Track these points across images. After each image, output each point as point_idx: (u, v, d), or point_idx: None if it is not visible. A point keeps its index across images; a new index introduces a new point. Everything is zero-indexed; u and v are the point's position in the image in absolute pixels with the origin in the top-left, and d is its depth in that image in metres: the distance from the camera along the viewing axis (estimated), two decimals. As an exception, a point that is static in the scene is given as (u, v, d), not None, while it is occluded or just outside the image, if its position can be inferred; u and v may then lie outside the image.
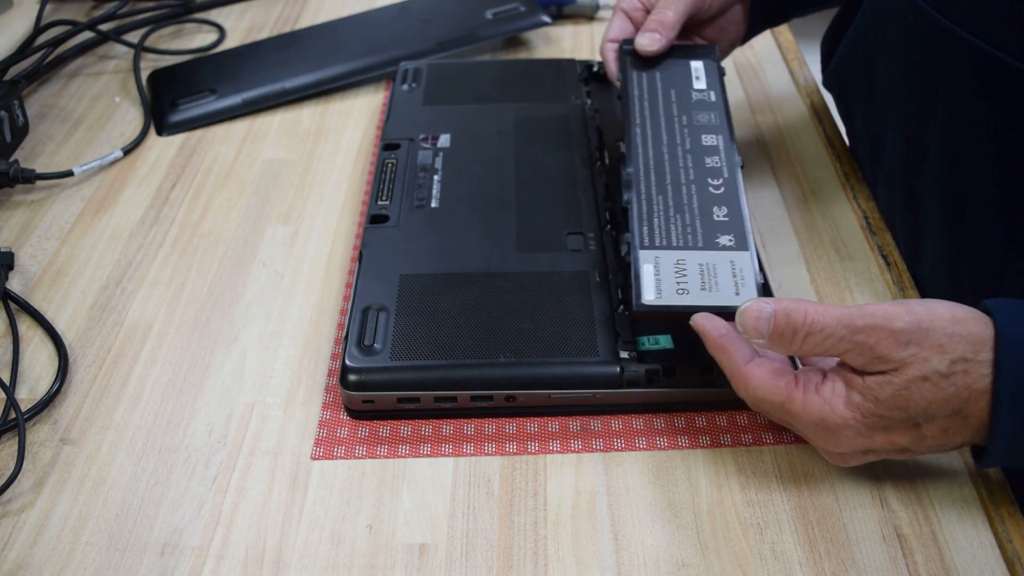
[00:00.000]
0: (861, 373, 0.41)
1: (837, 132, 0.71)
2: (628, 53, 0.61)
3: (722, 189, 0.52)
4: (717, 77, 0.60)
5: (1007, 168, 0.50)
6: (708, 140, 0.55)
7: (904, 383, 0.39)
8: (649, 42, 0.59)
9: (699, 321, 0.46)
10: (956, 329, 0.39)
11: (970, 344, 0.39)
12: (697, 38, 0.65)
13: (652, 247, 0.49)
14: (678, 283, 0.47)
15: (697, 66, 0.60)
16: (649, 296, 0.47)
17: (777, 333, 0.42)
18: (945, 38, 0.51)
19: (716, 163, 0.54)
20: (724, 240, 0.49)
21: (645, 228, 0.50)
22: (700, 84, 0.59)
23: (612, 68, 0.62)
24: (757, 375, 0.43)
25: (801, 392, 0.42)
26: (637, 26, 0.62)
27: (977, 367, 0.39)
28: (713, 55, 0.61)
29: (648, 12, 0.61)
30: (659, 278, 0.48)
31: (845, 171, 0.67)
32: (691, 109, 0.57)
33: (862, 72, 0.63)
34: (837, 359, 0.42)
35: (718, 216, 0.51)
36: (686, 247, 0.49)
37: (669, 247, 0.49)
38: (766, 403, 0.43)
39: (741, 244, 0.49)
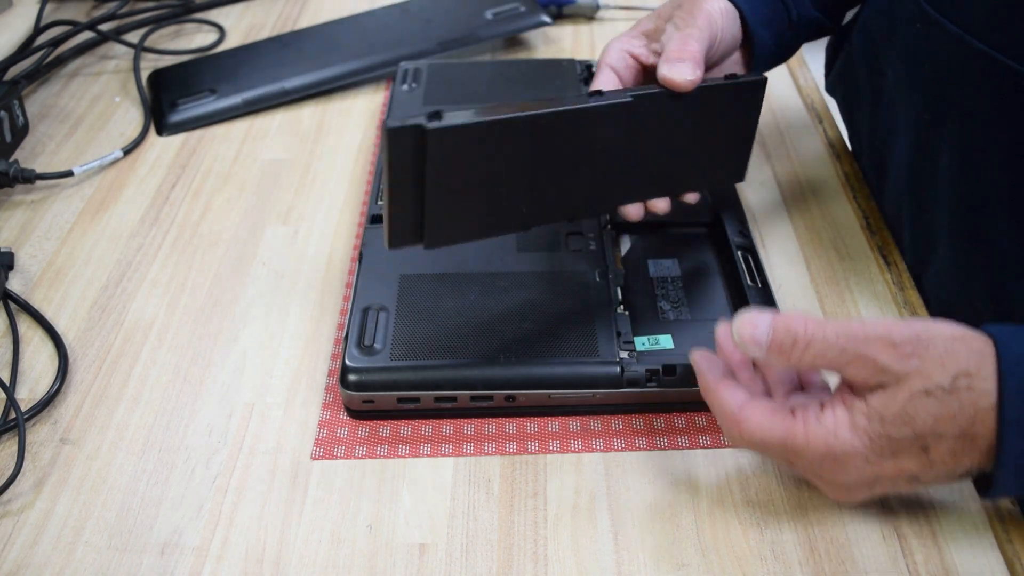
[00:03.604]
0: (862, 395, 0.39)
1: (837, 132, 0.71)
2: None
3: None
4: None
5: (1017, 177, 0.50)
6: None
7: (908, 397, 0.38)
8: (682, 72, 0.48)
9: (696, 359, 0.45)
10: (956, 346, 0.38)
11: (971, 358, 0.38)
12: None
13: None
14: None
15: None
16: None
17: (776, 344, 0.40)
18: (955, 46, 0.51)
19: None
20: None
21: None
22: None
23: None
24: (752, 417, 0.41)
25: (802, 425, 0.40)
26: (625, 84, 0.54)
27: (981, 383, 0.38)
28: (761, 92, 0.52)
29: (643, 67, 0.54)
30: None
31: (845, 171, 0.67)
32: None
33: (867, 79, 0.62)
34: (831, 390, 0.42)
35: None
36: None
37: None
38: (765, 444, 0.41)
39: None
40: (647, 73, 0.54)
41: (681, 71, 0.48)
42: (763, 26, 0.56)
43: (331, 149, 0.71)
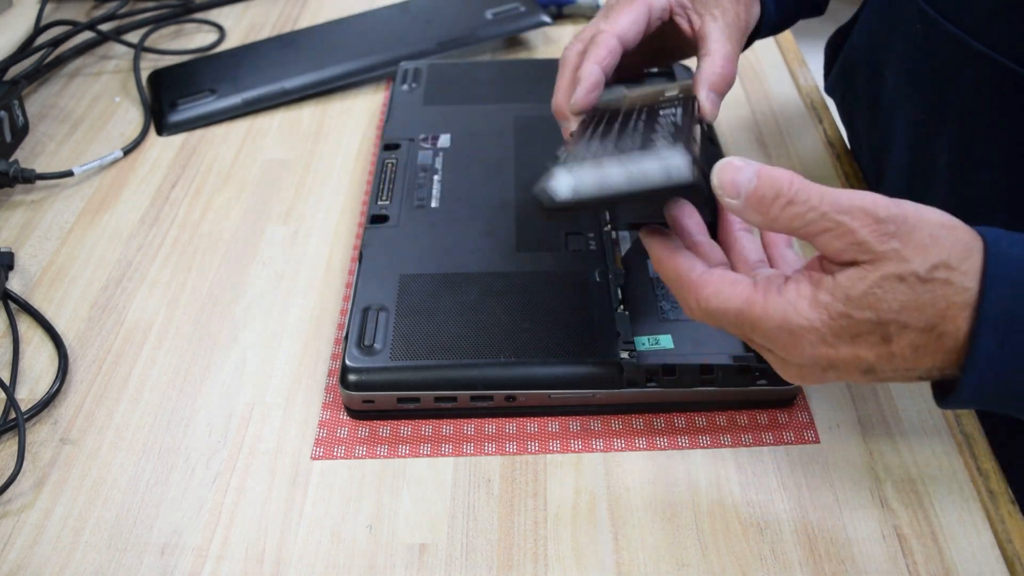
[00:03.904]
0: (831, 272, 0.37)
1: (837, 132, 0.71)
2: None
3: (670, 123, 0.44)
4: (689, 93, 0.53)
5: (1014, 177, 0.49)
6: (666, 111, 0.48)
7: (878, 279, 0.35)
8: (715, 111, 0.48)
9: (645, 234, 0.42)
10: (943, 233, 0.36)
11: (956, 250, 0.35)
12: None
13: (573, 161, 0.41)
14: (599, 180, 0.39)
15: (671, 84, 0.54)
16: (562, 192, 0.39)
17: (757, 195, 0.37)
18: (955, 48, 0.50)
19: (671, 117, 0.47)
20: (659, 141, 0.40)
21: (572, 155, 0.42)
22: (671, 92, 0.52)
23: (586, 97, 0.48)
24: (710, 282, 0.38)
25: (762, 295, 0.37)
26: (650, 26, 0.51)
27: (960, 278, 0.35)
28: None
29: (671, 21, 0.52)
30: (574, 177, 0.40)
31: (845, 171, 0.67)
32: (657, 102, 0.50)
33: (866, 80, 0.62)
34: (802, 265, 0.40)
35: (658, 135, 0.42)
36: (611, 155, 0.40)
37: (593, 159, 0.40)
38: (720, 313, 0.38)
39: (674, 140, 0.41)
40: (667, 26, 0.52)
41: (715, 109, 0.49)
42: (773, 2, 0.55)
43: (331, 149, 0.71)
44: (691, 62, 0.56)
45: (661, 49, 0.54)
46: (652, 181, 0.38)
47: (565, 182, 0.39)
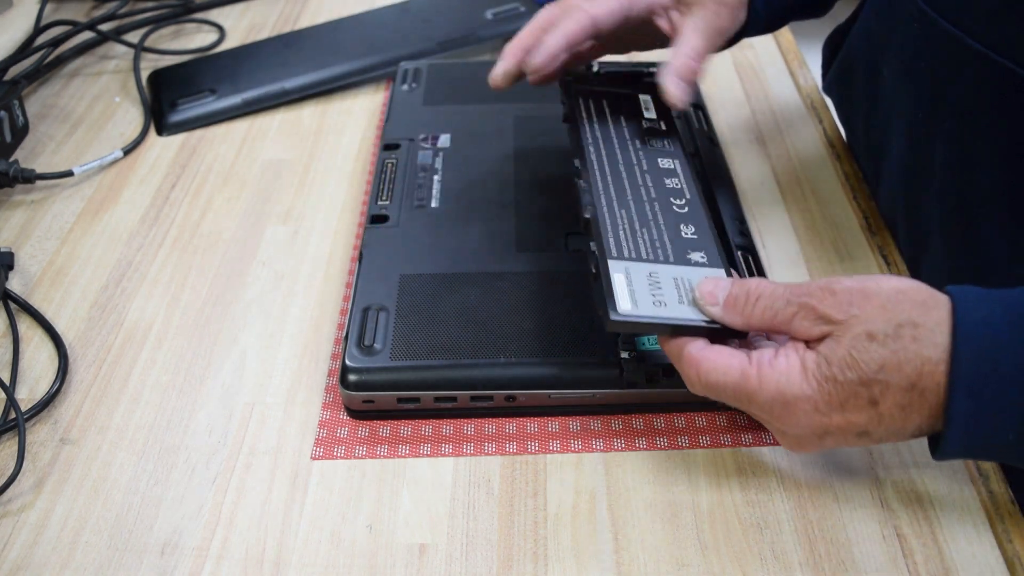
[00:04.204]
0: (813, 348, 0.40)
1: (837, 132, 0.71)
2: (572, 80, 0.59)
3: (686, 209, 0.50)
4: (665, 108, 0.57)
5: (1012, 177, 0.50)
6: (665, 163, 0.53)
7: (851, 341, 0.38)
8: (682, 98, 0.53)
9: None
10: (899, 297, 0.39)
11: (915, 309, 0.38)
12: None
13: (621, 258, 0.46)
14: (653, 295, 0.44)
15: (645, 98, 0.58)
16: (625, 306, 0.43)
17: (731, 298, 0.42)
18: (953, 47, 0.51)
19: (676, 184, 0.51)
20: (696, 257, 0.47)
21: (611, 239, 0.47)
22: (650, 114, 0.57)
23: (544, 63, 0.53)
24: (709, 357, 0.42)
25: (756, 368, 0.40)
26: (599, 31, 0.54)
27: (927, 334, 0.38)
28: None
29: (654, 14, 0.55)
30: (632, 288, 0.44)
31: (845, 171, 0.67)
32: (644, 135, 0.55)
33: (864, 79, 0.63)
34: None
35: (686, 234, 0.48)
36: (657, 261, 0.46)
37: (639, 259, 0.46)
38: (719, 386, 0.41)
39: (714, 262, 0.46)
40: (646, 25, 0.55)
41: (683, 96, 0.53)
42: (763, 4, 0.57)
43: (331, 149, 0.71)
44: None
45: (634, 43, 0.58)
46: (709, 317, 0.43)
47: (626, 309, 0.43)
